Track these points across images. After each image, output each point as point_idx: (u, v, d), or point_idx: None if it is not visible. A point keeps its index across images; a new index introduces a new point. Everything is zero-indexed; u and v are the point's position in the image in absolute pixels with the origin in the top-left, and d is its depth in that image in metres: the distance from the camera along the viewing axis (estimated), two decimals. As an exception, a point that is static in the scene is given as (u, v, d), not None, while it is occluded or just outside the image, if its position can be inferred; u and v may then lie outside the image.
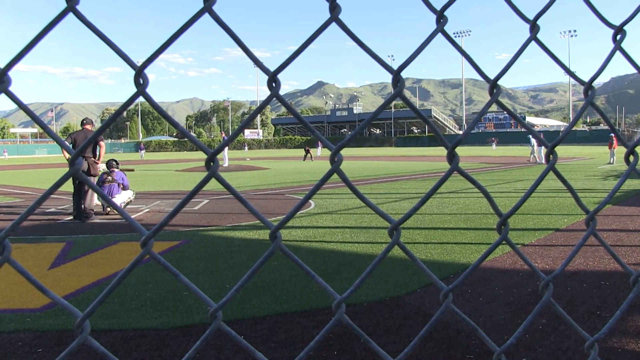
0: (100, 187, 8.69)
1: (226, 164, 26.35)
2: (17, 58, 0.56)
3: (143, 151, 51.43)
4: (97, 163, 8.86)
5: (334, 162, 0.68)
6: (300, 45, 0.67)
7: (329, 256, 5.63)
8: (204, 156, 0.64)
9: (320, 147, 45.05)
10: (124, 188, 9.13)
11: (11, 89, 0.57)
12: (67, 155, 0.57)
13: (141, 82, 0.62)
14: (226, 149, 29.00)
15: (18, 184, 17.36)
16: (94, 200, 9.33)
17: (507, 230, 0.84)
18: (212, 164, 0.63)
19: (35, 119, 0.58)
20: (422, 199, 0.77)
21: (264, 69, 0.67)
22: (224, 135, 25.75)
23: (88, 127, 9.05)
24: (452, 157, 0.77)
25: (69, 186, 8.85)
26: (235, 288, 0.69)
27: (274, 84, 0.66)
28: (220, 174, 0.66)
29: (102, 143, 8.80)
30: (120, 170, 9.31)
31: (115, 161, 9.26)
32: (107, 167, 9.10)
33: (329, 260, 5.45)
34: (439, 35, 0.78)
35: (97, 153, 8.80)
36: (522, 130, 73.09)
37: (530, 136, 27.60)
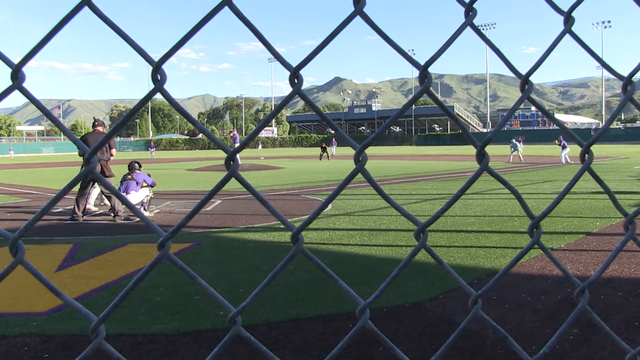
0: (119, 185, 8.81)
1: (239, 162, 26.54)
2: (31, 53, 0.54)
3: (153, 149, 49.34)
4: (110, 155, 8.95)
5: (358, 161, 0.65)
6: (324, 39, 0.65)
7: (347, 259, 5.52)
8: (216, 155, 0.62)
9: (335, 146, 43.21)
10: (149, 186, 9.19)
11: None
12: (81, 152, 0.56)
13: (159, 78, 0.60)
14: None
15: (24, 183, 16.85)
16: (91, 201, 9.38)
17: (540, 233, 0.79)
18: (232, 163, 0.61)
19: (49, 116, 0.56)
20: (450, 200, 0.73)
21: (286, 64, 0.64)
22: (235, 131, 25.65)
23: (100, 129, 8.93)
24: (481, 157, 0.73)
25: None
26: (255, 292, 0.66)
27: (296, 80, 0.64)
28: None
29: (113, 151, 8.98)
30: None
31: (138, 163, 9.32)
32: (129, 168, 9.19)
33: (347, 263, 5.35)
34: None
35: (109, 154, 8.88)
36: (551, 128, 70.28)
37: (514, 139, 27.97)
